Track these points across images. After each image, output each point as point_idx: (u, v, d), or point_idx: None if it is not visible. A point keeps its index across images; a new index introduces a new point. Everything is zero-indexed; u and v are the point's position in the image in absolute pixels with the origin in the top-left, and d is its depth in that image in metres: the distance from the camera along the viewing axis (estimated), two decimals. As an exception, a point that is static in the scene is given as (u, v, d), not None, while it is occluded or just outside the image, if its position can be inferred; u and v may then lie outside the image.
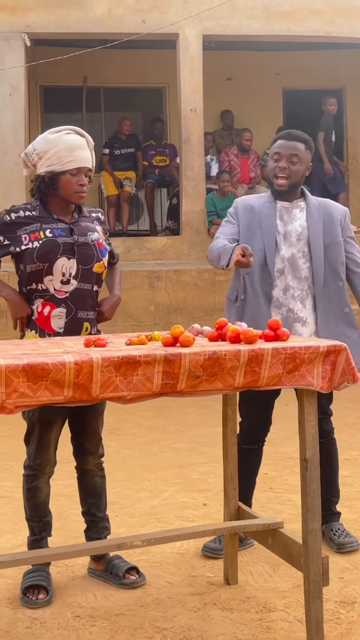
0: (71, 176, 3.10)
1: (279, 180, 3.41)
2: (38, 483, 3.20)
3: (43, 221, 3.11)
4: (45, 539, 3.25)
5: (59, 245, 3.05)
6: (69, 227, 3.13)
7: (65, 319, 3.09)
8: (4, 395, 2.22)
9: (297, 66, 11.48)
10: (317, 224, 3.44)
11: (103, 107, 11.86)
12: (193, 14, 9.14)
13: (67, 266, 3.06)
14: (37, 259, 3.04)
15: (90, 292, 3.15)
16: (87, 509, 3.33)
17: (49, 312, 3.08)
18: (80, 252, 3.09)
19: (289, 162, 3.40)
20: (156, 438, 5.81)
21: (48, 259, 3.04)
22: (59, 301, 3.08)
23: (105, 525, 3.35)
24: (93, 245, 3.15)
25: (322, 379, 2.57)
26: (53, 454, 3.19)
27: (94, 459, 3.29)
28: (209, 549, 3.50)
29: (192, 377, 2.41)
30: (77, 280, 3.10)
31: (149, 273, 8.70)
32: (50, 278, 3.06)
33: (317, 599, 2.64)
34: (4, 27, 9.02)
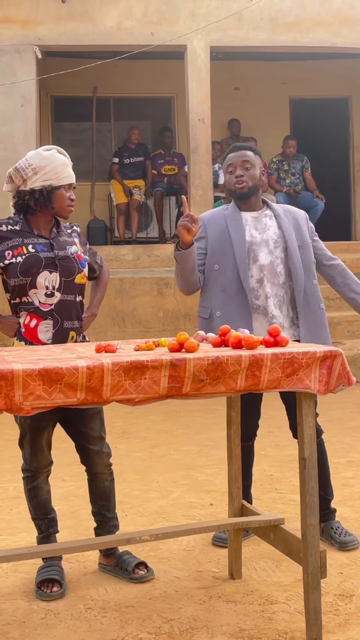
0: (64, 191, 3.29)
1: (238, 185, 3.59)
2: (38, 482, 3.36)
3: (24, 236, 3.25)
4: (53, 535, 3.41)
5: (41, 260, 3.20)
6: (49, 242, 3.28)
7: (53, 330, 3.23)
8: (22, 398, 2.39)
9: (303, 76, 11.65)
10: (290, 229, 3.61)
11: (113, 116, 12.06)
12: (201, 26, 9.32)
13: (50, 279, 3.21)
14: (20, 273, 3.18)
15: (73, 302, 3.30)
16: (98, 510, 3.49)
17: (36, 324, 3.22)
18: (62, 266, 3.24)
19: (244, 169, 3.58)
20: (165, 441, 5.97)
21: (31, 273, 3.18)
22: (44, 314, 3.22)
23: (115, 523, 3.50)
24: (73, 258, 3.30)
25: (319, 383, 2.73)
26: (48, 454, 3.35)
27: (101, 459, 3.40)
28: (219, 539, 3.71)
29: (197, 380, 2.57)
30: (61, 292, 3.24)
31: (157, 280, 8.87)
32: (34, 291, 3.20)
33: (316, 591, 2.80)
34: (16, 39, 9.23)
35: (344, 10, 9.65)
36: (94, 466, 3.43)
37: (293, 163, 10.38)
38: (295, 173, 10.40)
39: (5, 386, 2.36)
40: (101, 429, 3.42)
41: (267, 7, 9.46)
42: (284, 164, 10.37)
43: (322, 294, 9.43)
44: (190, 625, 2.93)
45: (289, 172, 10.38)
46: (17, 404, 2.39)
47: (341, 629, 2.89)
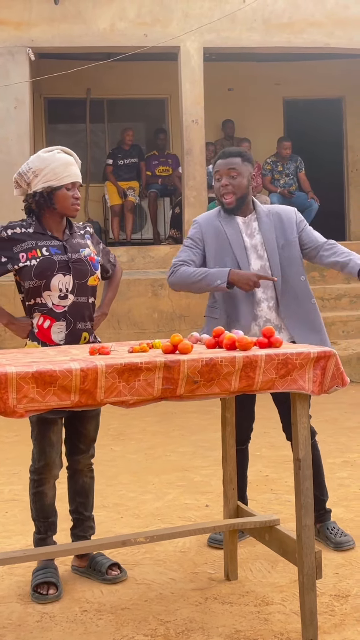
0: (67, 190, 3.29)
1: (225, 198, 3.57)
2: (44, 488, 3.35)
3: (38, 238, 3.27)
4: (50, 537, 3.40)
5: (55, 263, 3.22)
6: (63, 245, 3.29)
7: (65, 331, 3.26)
8: (15, 401, 2.39)
9: (296, 76, 11.66)
10: (269, 231, 3.60)
11: (106, 118, 12.06)
12: (194, 27, 9.32)
13: (64, 282, 3.23)
14: (34, 276, 3.20)
15: (86, 304, 3.32)
16: (75, 508, 3.50)
17: (49, 325, 3.24)
18: (75, 269, 3.26)
19: (230, 178, 3.55)
20: (160, 442, 5.97)
21: (45, 276, 3.20)
22: (57, 315, 3.25)
23: (91, 524, 3.52)
24: (86, 261, 3.32)
25: (313, 383, 2.73)
26: (56, 456, 3.32)
27: (85, 459, 3.45)
28: (215, 541, 3.71)
29: (191, 382, 2.57)
30: (74, 294, 3.27)
31: (152, 281, 8.87)
32: (48, 293, 3.23)
33: (311, 591, 2.80)
34: (9, 41, 9.21)
35: (337, 11, 9.66)
36: (77, 463, 3.46)
37: (287, 164, 10.38)
38: (290, 174, 10.40)
39: (-2, 389, 2.36)
40: (95, 432, 3.45)
41: (261, 8, 9.47)
42: (278, 164, 10.38)
43: (317, 294, 9.43)
44: (186, 627, 2.93)
45: (283, 173, 10.39)
46: (10, 407, 2.39)
47: (337, 629, 2.89)
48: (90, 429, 3.41)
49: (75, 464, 3.47)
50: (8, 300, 8.56)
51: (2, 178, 9.20)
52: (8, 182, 10.13)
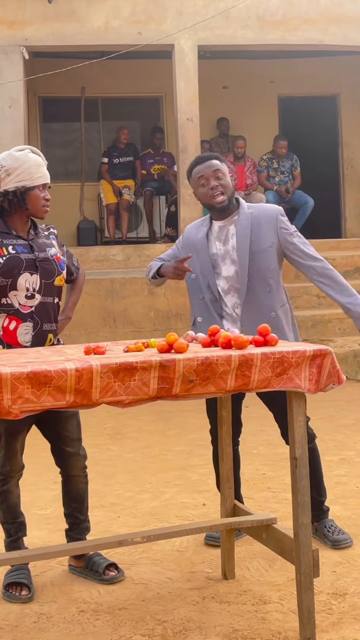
0: (39, 191, 3.26)
1: (217, 198, 3.53)
2: (9, 486, 3.34)
3: (3, 237, 3.23)
4: (21, 538, 3.40)
5: (22, 261, 3.18)
6: (29, 244, 3.26)
7: (32, 333, 3.22)
8: (10, 401, 2.38)
9: (291, 74, 11.64)
10: (244, 237, 3.53)
11: (101, 116, 12.03)
12: (188, 25, 9.30)
13: (31, 281, 3.19)
14: (1, 274, 3.15)
15: (52, 304, 3.29)
16: (70, 512, 3.48)
17: (15, 327, 3.20)
18: (42, 268, 3.23)
19: (216, 179, 3.52)
20: (157, 441, 5.96)
21: (12, 274, 3.16)
22: (24, 316, 3.20)
23: (86, 525, 3.51)
24: (53, 260, 3.29)
25: (310, 382, 2.72)
26: (20, 459, 3.33)
27: (77, 461, 3.39)
28: (212, 538, 3.70)
29: (186, 381, 2.56)
30: (41, 294, 3.23)
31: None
32: (14, 293, 3.18)
33: (309, 590, 2.79)
34: (3, 40, 9.18)
35: (331, 8, 9.64)
36: (70, 468, 3.41)
37: (283, 161, 10.38)
38: (285, 171, 10.40)
39: (-7, 390, 2.35)
40: (78, 431, 3.39)
41: (255, 5, 9.45)
42: (274, 162, 10.37)
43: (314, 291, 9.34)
44: (184, 626, 2.93)
45: (279, 171, 10.38)
46: (5, 408, 2.38)
47: (335, 627, 2.88)
48: (72, 430, 3.36)
49: (68, 470, 3.41)
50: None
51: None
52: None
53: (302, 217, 10.25)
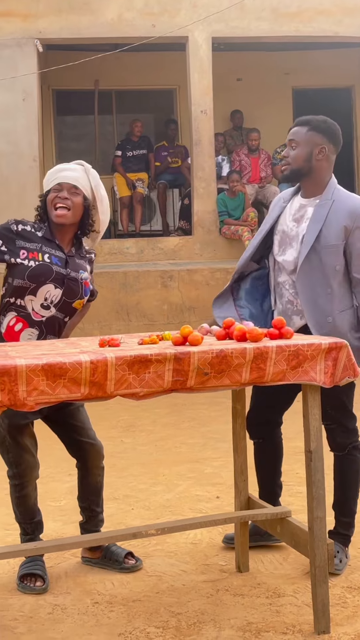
0: (54, 193, 3.27)
1: (282, 167, 3.34)
2: (27, 491, 3.33)
3: (44, 244, 3.25)
4: (37, 536, 3.40)
5: (51, 272, 3.20)
6: (65, 259, 3.27)
7: (35, 339, 3.22)
8: (25, 393, 2.38)
9: (306, 66, 11.57)
10: (315, 226, 3.20)
11: (115, 109, 12.01)
12: (202, 17, 9.26)
13: (52, 293, 3.21)
14: (28, 277, 3.17)
15: (61, 321, 3.30)
16: (87, 505, 3.48)
17: (21, 329, 3.21)
18: (68, 286, 3.25)
19: (290, 148, 3.26)
20: (171, 434, 5.96)
21: (38, 281, 3.18)
22: (33, 322, 3.22)
23: (101, 518, 3.52)
24: (81, 283, 3.30)
25: (325, 374, 2.71)
26: (33, 459, 3.29)
27: (96, 451, 3.38)
28: (229, 540, 3.58)
29: (201, 374, 2.56)
30: (57, 309, 3.24)
31: (161, 273, 8.85)
32: (31, 298, 3.20)
33: (323, 583, 2.79)
34: (17, 33, 9.18)
35: (346, -1, 9.59)
36: (89, 459, 3.40)
37: (297, 153, 10.33)
38: (299, 163, 10.35)
39: (8, 382, 2.36)
40: (88, 421, 3.40)
41: (269, -4, 9.41)
42: (288, 154, 10.32)
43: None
44: (198, 619, 2.93)
45: (293, 163, 10.34)
46: (20, 400, 2.39)
47: (349, 621, 2.88)
48: (84, 419, 3.37)
49: (87, 461, 3.40)
50: None
51: (10, 170, 9.20)
52: (17, 173, 10.16)
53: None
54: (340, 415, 3.32)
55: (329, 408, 3.15)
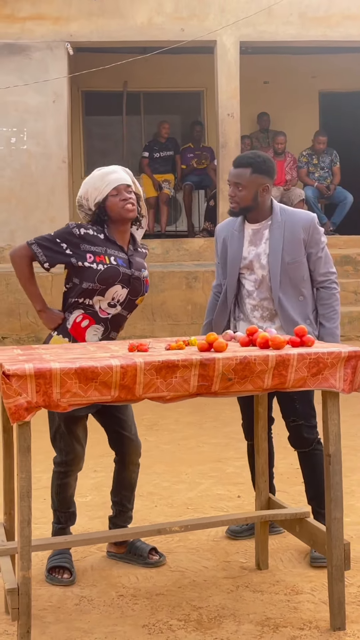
0: (112, 197, 3.40)
1: (230, 205, 3.63)
2: (69, 480, 3.49)
3: (108, 246, 3.40)
4: (68, 527, 3.55)
5: (119, 274, 3.36)
6: (128, 259, 3.43)
7: (101, 336, 3.40)
8: (59, 395, 2.52)
9: (332, 69, 11.65)
10: (277, 244, 3.55)
11: (143, 110, 12.16)
12: (230, 21, 9.37)
13: (119, 293, 3.37)
14: (98, 280, 3.32)
15: (125, 318, 3.49)
16: (119, 500, 3.64)
17: (87, 325, 3.37)
18: (133, 285, 3.42)
19: (236, 189, 3.57)
20: (193, 434, 6.08)
21: (107, 283, 3.33)
22: (100, 319, 3.39)
23: (130, 515, 3.67)
24: (143, 282, 3.48)
25: (344, 382, 2.83)
26: (82, 450, 3.46)
27: (135, 446, 3.56)
28: (231, 532, 3.83)
29: (225, 379, 2.68)
30: (122, 307, 3.42)
31: (186, 274, 8.98)
32: (99, 299, 3.36)
33: (340, 582, 2.90)
34: (48, 36, 9.35)
35: (373, 4, 9.65)
36: (127, 454, 3.56)
37: (322, 157, 10.43)
38: (325, 167, 10.44)
39: (43, 384, 2.50)
40: (132, 417, 3.57)
41: (297, 2, 9.49)
42: (314, 157, 10.42)
43: (350, 288, 9.38)
44: (218, 613, 3.05)
45: (318, 166, 10.43)
46: (54, 401, 2.53)
47: (364, 619, 2.99)
48: (128, 413, 3.54)
49: (125, 456, 3.56)
50: (44, 291, 8.72)
51: (40, 171, 9.38)
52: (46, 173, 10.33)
53: (341, 212, 10.30)
54: (307, 411, 3.59)
55: (298, 404, 3.54)
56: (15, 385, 2.47)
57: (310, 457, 3.62)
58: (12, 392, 2.48)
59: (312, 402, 3.58)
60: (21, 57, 9.34)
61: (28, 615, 2.58)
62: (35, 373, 2.49)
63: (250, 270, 3.65)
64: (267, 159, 3.64)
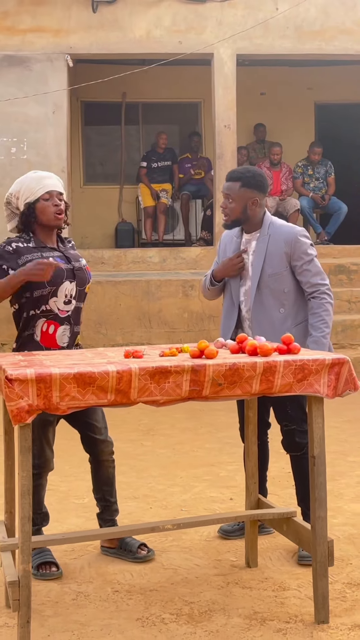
0: (44, 201, 3.55)
1: (223, 217, 3.83)
2: (41, 481, 3.66)
3: (42, 250, 3.56)
4: (42, 528, 3.70)
5: (63, 271, 3.52)
6: (64, 255, 3.61)
7: (69, 335, 3.58)
8: (58, 399, 2.68)
9: (328, 81, 11.83)
10: (259, 256, 3.73)
11: (141, 121, 12.34)
12: (227, 34, 9.55)
13: (69, 289, 3.54)
14: (48, 284, 3.46)
15: (80, 309, 3.65)
16: (102, 496, 3.81)
17: (54, 330, 3.54)
18: (78, 276, 3.59)
19: (227, 201, 3.76)
20: (188, 439, 6.24)
21: (56, 283, 3.49)
22: (62, 319, 3.55)
23: (116, 508, 3.84)
24: (84, 270, 3.66)
25: (328, 387, 2.99)
26: (51, 453, 3.65)
27: (106, 447, 3.73)
28: (223, 532, 3.99)
29: (215, 384, 2.84)
30: (76, 300, 3.59)
31: (183, 282, 9.13)
32: (54, 300, 3.51)
33: (324, 577, 3.06)
34: (48, 48, 9.52)
35: (368, 19, 9.84)
36: (99, 454, 3.74)
37: (317, 168, 10.60)
38: (320, 178, 10.62)
39: (44, 388, 2.65)
40: (104, 420, 3.73)
41: (293, 16, 9.67)
42: (309, 168, 10.60)
43: (343, 297, 9.50)
44: (209, 607, 3.21)
45: (313, 177, 10.61)
46: (54, 404, 2.68)
47: (347, 613, 3.14)
48: (99, 419, 3.70)
49: (98, 455, 3.74)
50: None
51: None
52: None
53: (336, 222, 10.48)
54: (299, 416, 3.72)
55: (290, 409, 3.70)
56: (18, 389, 2.63)
57: (301, 460, 3.76)
58: (14, 396, 2.63)
59: (305, 407, 3.71)
60: (22, 68, 9.51)
61: (28, 607, 2.73)
62: (36, 378, 2.64)
63: (243, 279, 3.82)
64: (257, 173, 3.81)
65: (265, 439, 4.06)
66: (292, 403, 3.68)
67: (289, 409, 3.72)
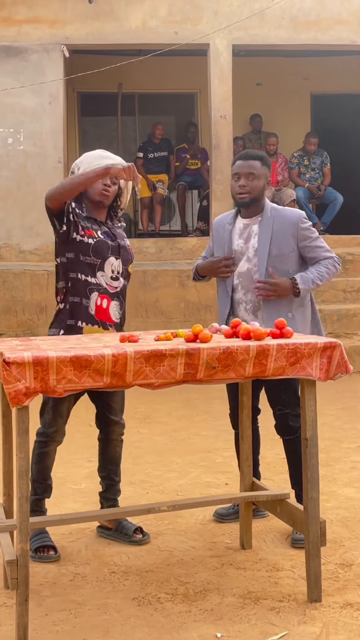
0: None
1: (240, 195, 3.85)
2: (49, 450, 3.71)
3: (92, 222, 3.68)
4: (44, 499, 3.76)
5: (108, 246, 3.64)
6: (110, 232, 3.71)
7: (120, 311, 3.69)
8: (55, 381, 2.73)
9: (324, 71, 11.85)
10: (265, 238, 3.79)
11: (137, 111, 12.36)
12: (223, 25, 9.57)
13: (115, 264, 3.65)
14: (92, 253, 3.58)
15: (126, 287, 3.74)
16: (107, 474, 3.89)
17: (107, 305, 3.63)
18: (122, 254, 3.70)
19: (248, 180, 3.82)
20: (185, 426, 6.30)
21: (102, 255, 3.61)
22: (112, 295, 3.65)
23: (119, 488, 3.92)
24: (128, 250, 3.76)
25: (320, 371, 3.04)
26: (63, 425, 3.70)
27: (119, 428, 3.84)
28: (218, 515, 4.05)
29: (209, 367, 2.89)
30: (122, 277, 3.68)
31: (179, 272, 9.19)
32: (102, 274, 3.62)
33: (316, 557, 3.12)
34: (45, 39, 9.54)
35: (363, 9, 9.86)
36: (111, 433, 3.84)
37: (313, 158, 10.64)
38: (315, 168, 10.66)
39: (41, 371, 2.70)
40: (122, 403, 3.82)
41: (289, 6, 9.69)
42: (305, 158, 10.64)
43: (339, 286, 9.57)
44: (204, 587, 3.27)
45: (309, 167, 10.64)
46: (51, 387, 2.73)
47: (339, 592, 3.21)
48: (117, 401, 3.80)
49: (108, 434, 3.84)
50: (40, 288, 8.94)
51: (36, 171, 9.57)
52: (42, 173, 10.48)
53: (332, 212, 10.52)
54: (292, 401, 3.78)
55: (283, 394, 3.77)
56: (15, 372, 2.68)
57: (295, 444, 3.81)
58: (11, 379, 2.68)
59: (298, 392, 3.76)
60: (18, 59, 9.53)
61: (26, 585, 2.79)
62: (33, 361, 2.69)
63: (239, 261, 3.87)
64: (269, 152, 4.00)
65: (256, 425, 4.11)
66: (285, 387, 3.74)
67: (282, 393, 3.78)
